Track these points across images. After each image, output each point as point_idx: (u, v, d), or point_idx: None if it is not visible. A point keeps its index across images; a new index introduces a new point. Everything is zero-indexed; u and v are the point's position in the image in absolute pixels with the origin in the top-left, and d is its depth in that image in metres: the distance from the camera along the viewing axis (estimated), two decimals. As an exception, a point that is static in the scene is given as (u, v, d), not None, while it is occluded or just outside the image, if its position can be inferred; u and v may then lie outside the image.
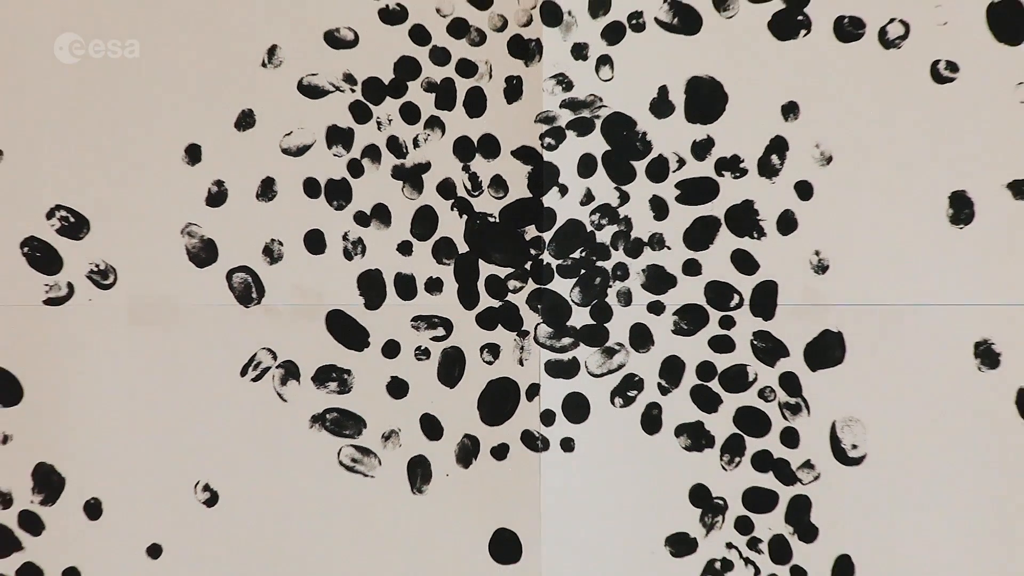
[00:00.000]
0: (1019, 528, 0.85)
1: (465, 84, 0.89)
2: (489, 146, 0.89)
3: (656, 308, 0.89)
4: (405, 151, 0.89)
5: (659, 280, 0.89)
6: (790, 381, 0.88)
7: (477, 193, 0.89)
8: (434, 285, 0.89)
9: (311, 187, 0.89)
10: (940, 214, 0.86)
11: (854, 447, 0.87)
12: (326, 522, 0.89)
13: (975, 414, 0.86)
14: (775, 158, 0.88)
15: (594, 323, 0.89)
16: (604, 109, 0.88)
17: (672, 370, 0.89)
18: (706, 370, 0.88)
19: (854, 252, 0.87)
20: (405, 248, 0.89)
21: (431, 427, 0.89)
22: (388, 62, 0.89)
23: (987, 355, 0.86)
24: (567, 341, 0.89)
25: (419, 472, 0.89)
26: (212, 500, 0.89)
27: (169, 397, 0.89)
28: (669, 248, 0.89)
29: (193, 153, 0.89)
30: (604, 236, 0.89)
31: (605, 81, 0.88)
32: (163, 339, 0.89)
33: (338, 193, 0.89)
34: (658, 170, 0.88)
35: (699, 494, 0.88)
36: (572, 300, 0.89)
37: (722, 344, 0.88)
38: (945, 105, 0.86)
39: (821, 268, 0.87)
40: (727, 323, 0.88)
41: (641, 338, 0.89)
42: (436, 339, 0.89)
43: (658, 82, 0.88)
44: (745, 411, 0.88)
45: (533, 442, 0.89)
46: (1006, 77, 0.86)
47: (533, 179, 0.89)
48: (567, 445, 0.89)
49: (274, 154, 0.89)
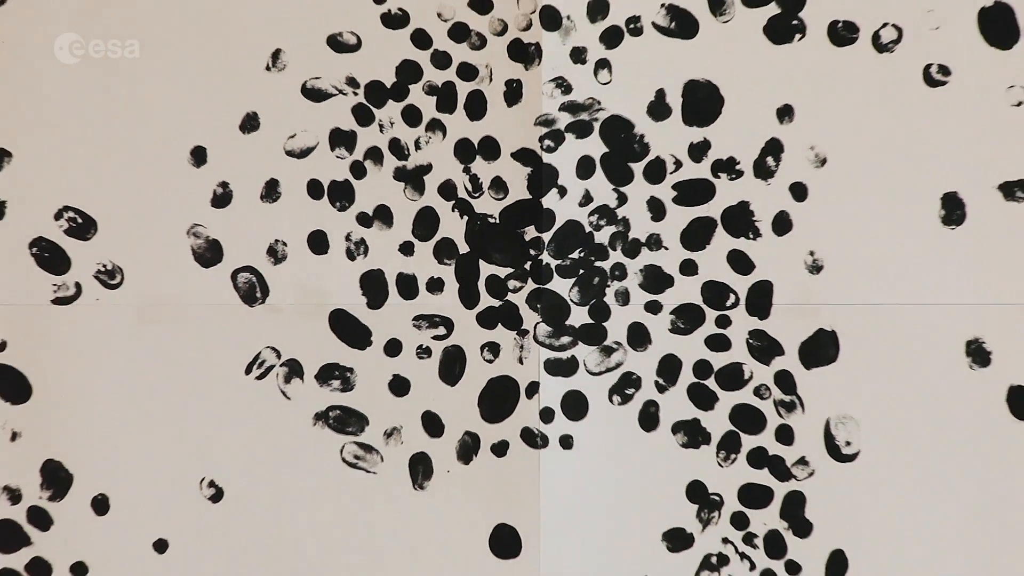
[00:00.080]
0: (1009, 522, 0.86)
1: (466, 87, 0.89)
2: (489, 148, 0.89)
3: (653, 307, 0.89)
4: (407, 153, 0.90)
5: (656, 280, 0.89)
6: (785, 379, 0.88)
7: (478, 194, 0.90)
8: (435, 285, 0.90)
9: (314, 189, 0.89)
10: (932, 215, 0.87)
11: (848, 444, 0.87)
12: (329, 517, 0.89)
13: (966, 411, 0.86)
14: (770, 160, 0.88)
15: (592, 322, 0.89)
16: (602, 112, 0.89)
17: (669, 368, 0.89)
18: (702, 368, 0.89)
19: (848, 253, 0.87)
20: (407, 248, 0.90)
21: (432, 424, 0.89)
22: (390, 66, 0.89)
23: (978, 354, 0.86)
24: (566, 340, 0.89)
25: (420, 468, 0.89)
26: (217, 496, 0.89)
27: (175, 395, 0.89)
28: (666, 248, 0.89)
29: (198, 155, 0.89)
30: (602, 237, 0.89)
31: (603, 84, 0.89)
32: (169, 338, 0.89)
33: (341, 194, 0.89)
34: (655, 172, 0.89)
35: (696, 490, 0.88)
36: (571, 300, 0.89)
37: (718, 343, 0.89)
38: (937, 108, 0.87)
39: (815, 268, 0.88)
40: (723, 322, 0.89)
41: (639, 337, 0.89)
42: (437, 338, 0.90)
43: (655, 85, 0.88)
44: (741, 408, 0.88)
45: (532, 439, 0.89)
46: (997, 80, 0.86)
47: (533, 181, 0.89)
48: (566, 442, 0.89)
49: (278, 156, 0.89)
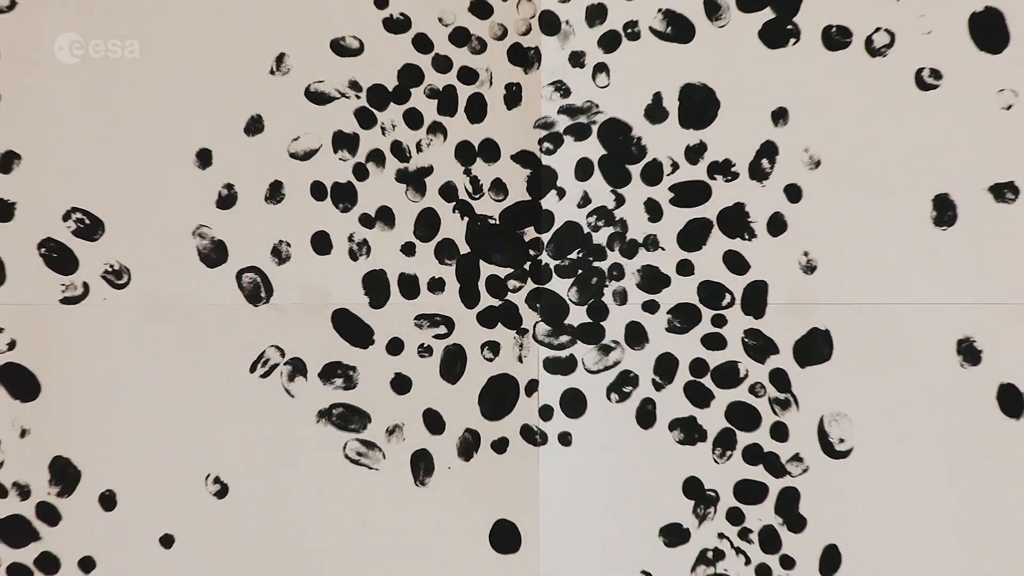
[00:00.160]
0: (1000, 517, 0.86)
1: (466, 91, 0.90)
2: (489, 150, 0.90)
3: (651, 307, 0.89)
4: (408, 155, 0.90)
5: (653, 280, 0.89)
6: (780, 377, 0.88)
7: (478, 196, 0.90)
8: (436, 285, 0.90)
9: (318, 190, 0.90)
10: (924, 216, 0.87)
11: (841, 441, 0.88)
12: (332, 513, 0.89)
13: (957, 409, 0.87)
14: (765, 162, 0.88)
15: (591, 321, 0.89)
16: (600, 115, 0.89)
17: (666, 367, 0.89)
18: (699, 367, 0.89)
19: (841, 253, 0.88)
20: (408, 249, 0.90)
21: (434, 422, 0.90)
22: (392, 69, 0.90)
23: (969, 352, 0.87)
24: (565, 339, 0.89)
25: (422, 465, 0.90)
26: (222, 492, 0.89)
27: (181, 393, 0.89)
28: (663, 249, 0.89)
29: (204, 157, 0.90)
30: (600, 237, 0.89)
31: (601, 88, 0.89)
32: (175, 337, 0.89)
33: (344, 196, 0.90)
34: (653, 174, 0.89)
35: (692, 486, 0.89)
36: (570, 299, 0.89)
37: (714, 342, 0.89)
38: (929, 111, 0.87)
39: (810, 268, 0.88)
40: (719, 321, 0.89)
41: (636, 336, 0.89)
42: (438, 337, 0.90)
43: (652, 89, 0.89)
44: (736, 406, 0.89)
45: (532, 436, 0.89)
46: (987, 84, 0.87)
47: (532, 182, 0.89)
48: (565, 439, 0.89)
49: (282, 158, 0.90)
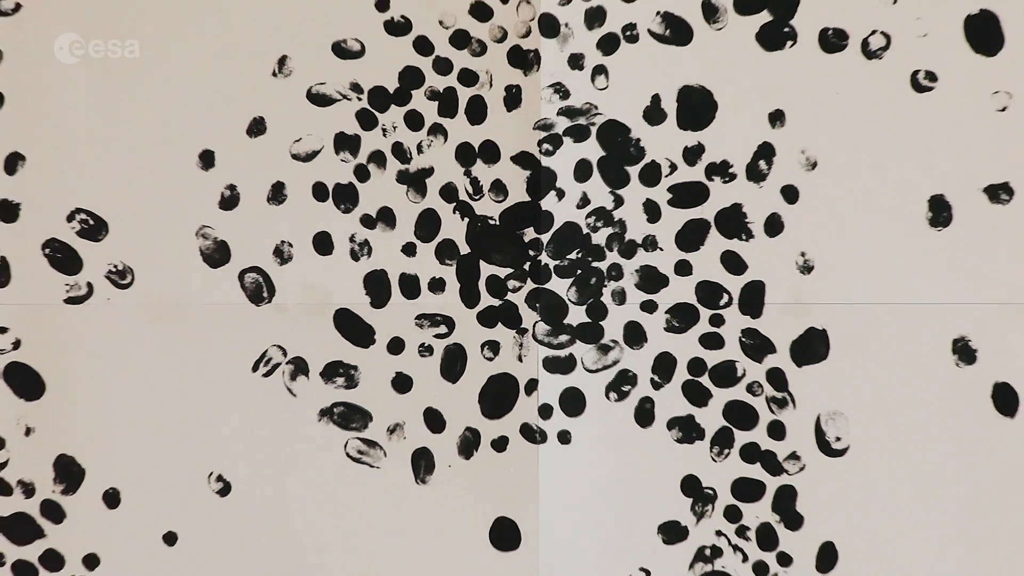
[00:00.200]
0: (994, 515, 0.87)
1: (467, 93, 0.90)
2: (489, 152, 0.90)
3: (649, 307, 0.90)
4: (409, 157, 0.90)
5: (652, 280, 0.90)
6: (777, 376, 0.89)
7: (478, 197, 0.90)
8: (437, 285, 0.90)
9: (319, 191, 0.90)
10: (920, 217, 0.88)
11: (838, 439, 0.88)
12: (333, 511, 0.89)
13: (953, 408, 0.87)
14: (762, 163, 0.89)
15: (590, 321, 0.90)
16: (599, 116, 0.89)
17: (664, 366, 0.89)
18: (697, 366, 0.89)
19: (838, 253, 0.88)
20: (409, 249, 0.90)
21: (434, 420, 0.90)
22: (393, 72, 0.90)
23: (964, 352, 0.87)
24: (564, 338, 0.90)
25: (423, 463, 0.90)
26: (225, 490, 0.90)
27: (184, 392, 0.89)
28: (662, 249, 0.89)
29: (207, 159, 0.90)
30: (599, 238, 0.90)
31: (600, 90, 0.89)
32: (178, 336, 0.89)
33: (345, 197, 0.90)
34: (651, 175, 0.89)
35: (690, 484, 0.89)
36: (569, 299, 0.90)
37: (712, 341, 0.89)
38: (924, 113, 0.87)
39: (806, 269, 0.88)
40: (717, 321, 0.89)
41: (635, 335, 0.90)
42: (439, 336, 0.90)
43: (651, 91, 0.89)
44: (734, 405, 0.89)
45: (532, 435, 0.90)
46: (982, 86, 0.87)
47: (532, 183, 0.90)
48: (564, 438, 0.89)
49: (284, 159, 0.90)
